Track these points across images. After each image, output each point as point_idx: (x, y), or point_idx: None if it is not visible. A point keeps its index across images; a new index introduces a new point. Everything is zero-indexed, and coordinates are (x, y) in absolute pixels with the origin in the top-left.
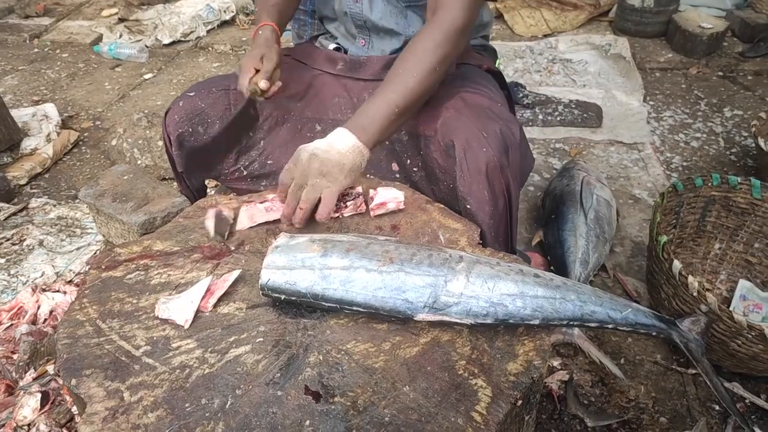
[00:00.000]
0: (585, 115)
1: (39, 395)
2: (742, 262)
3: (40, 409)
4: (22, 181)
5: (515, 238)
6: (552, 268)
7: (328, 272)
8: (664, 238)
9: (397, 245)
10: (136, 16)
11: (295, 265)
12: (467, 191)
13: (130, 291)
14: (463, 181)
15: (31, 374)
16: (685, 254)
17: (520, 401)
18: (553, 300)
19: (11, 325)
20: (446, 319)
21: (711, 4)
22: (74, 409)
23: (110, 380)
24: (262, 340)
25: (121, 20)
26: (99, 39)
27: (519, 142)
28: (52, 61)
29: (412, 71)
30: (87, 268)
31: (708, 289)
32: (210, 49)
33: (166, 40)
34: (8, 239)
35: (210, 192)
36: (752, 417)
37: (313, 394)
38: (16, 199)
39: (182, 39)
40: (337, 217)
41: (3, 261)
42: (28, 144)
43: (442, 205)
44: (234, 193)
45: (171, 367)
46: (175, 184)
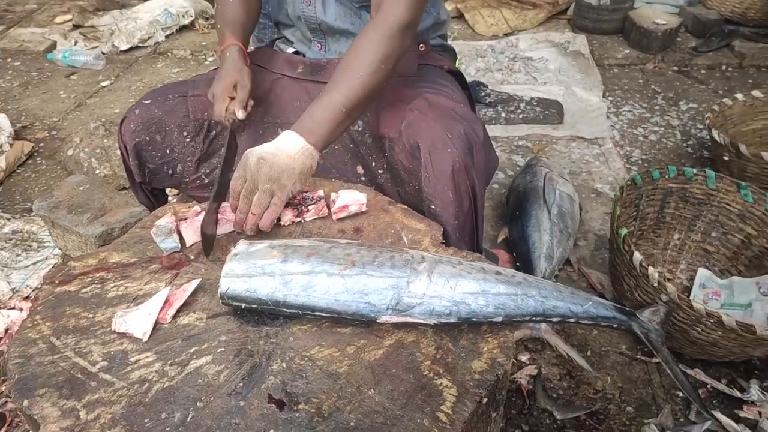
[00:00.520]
0: (546, 112)
1: None
2: (700, 251)
3: None
4: None
5: (481, 237)
6: (518, 265)
7: (289, 278)
8: (624, 231)
9: (359, 248)
10: (92, 23)
11: (255, 273)
12: (432, 192)
13: (86, 305)
14: (428, 182)
15: None
16: (646, 245)
17: (486, 399)
18: (515, 297)
19: None
20: (410, 320)
21: (665, 1)
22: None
23: (65, 399)
24: (223, 349)
25: (76, 27)
26: (53, 46)
27: (483, 141)
28: (3, 70)
29: (356, 71)
30: (40, 284)
31: (669, 279)
32: (169, 54)
33: (124, 47)
34: None
35: (171, 200)
36: (714, 401)
37: (276, 403)
38: None
39: (140, 45)
40: (299, 221)
41: None
42: None
43: (404, 206)
44: (194, 201)
45: (129, 382)
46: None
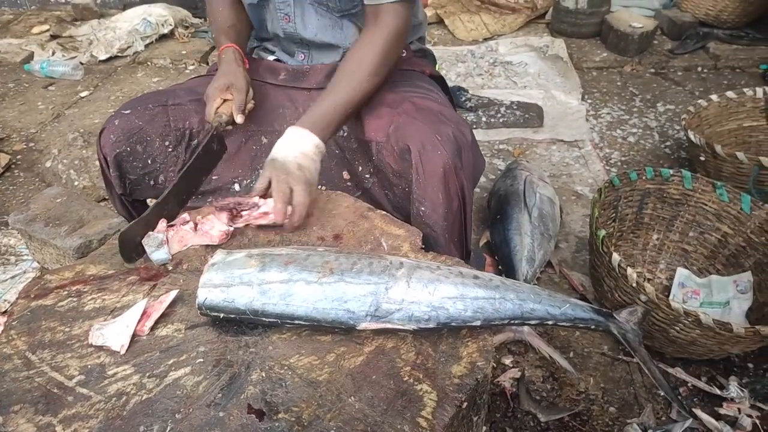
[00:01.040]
0: (526, 116)
1: None
2: (679, 250)
3: None
4: None
5: (470, 239)
6: (500, 268)
7: (267, 287)
8: (603, 232)
9: (337, 255)
10: (70, 33)
11: (233, 282)
12: (422, 194)
13: (62, 319)
14: (419, 184)
15: None
16: (625, 246)
17: (466, 403)
18: (493, 300)
19: None
20: (389, 326)
21: (640, 5)
22: None
23: (41, 414)
24: (202, 360)
25: (54, 37)
26: (30, 57)
27: (471, 143)
28: None
29: (357, 74)
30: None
31: (648, 279)
32: (149, 63)
33: (102, 56)
34: None
35: None
36: (694, 399)
37: (256, 413)
38: None
39: (119, 54)
40: (231, 228)
41: None
42: None
43: (384, 212)
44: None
45: (107, 396)
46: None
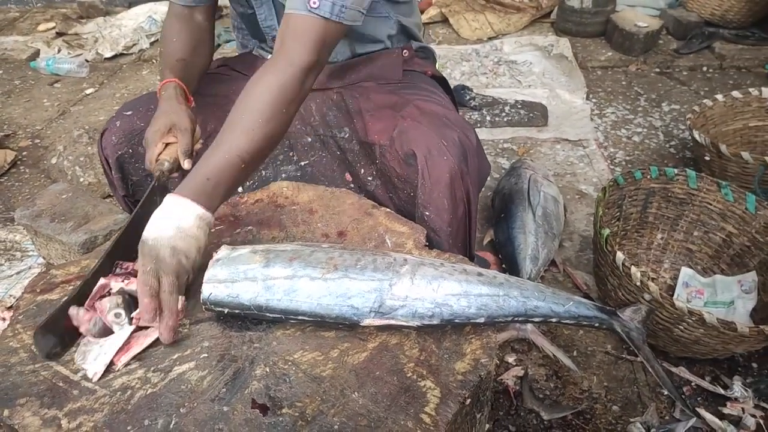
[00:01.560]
0: (531, 115)
1: None
2: (683, 250)
3: None
4: None
5: (474, 244)
6: (504, 267)
7: (272, 282)
8: (607, 231)
9: (342, 251)
10: (75, 30)
11: (238, 278)
12: (427, 199)
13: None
14: (424, 190)
15: None
16: (630, 245)
17: (469, 400)
18: (497, 297)
19: None
20: (393, 322)
21: (646, 4)
22: None
23: (47, 408)
24: (206, 355)
25: (59, 34)
26: (36, 54)
27: (476, 148)
28: None
29: (256, 118)
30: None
31: (653, 279)
32: (154, 61)
33: (108, 54)
34: None
35: None
36: (698, 399)
37: (260, 408)
38: None
39: (124, 52)
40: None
41: None
42: None
43: (388, 209)
44: None
45: (112, 390)
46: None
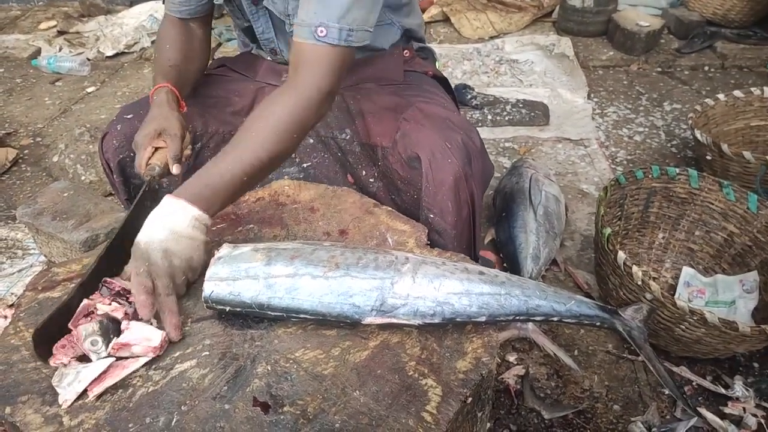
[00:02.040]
0: (532, 114)
1: None
2: (684, 249)
3: None
4: None
5: (479, 246)
6: (505, 266)
7: (273, 281)
8: (608, 231)
9: (343, 250)
10: (77, 29)
11: (239, 276)
12: (431, 202)
13: None
14: (428, 192)
15: None
16: (631, 245)
17: (470, 398)
18: (499, 296)
19: None
20: (394, 321)
21: (647, 3)
22: None
23: (48, 405)
24: (208, 353)
25: (61, 33)
26: (37, 53)
27: (480, 150)
28: None
29: (265, 137)
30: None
31: (654, 278)
32: None
33: (109, 52)
34: None
35: None
36: (699, 398)
37: (261, 406)
38: None
39: (126, 50)
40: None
41: None
42: None
43: (389, 208)
44: None
45: (113, 387)
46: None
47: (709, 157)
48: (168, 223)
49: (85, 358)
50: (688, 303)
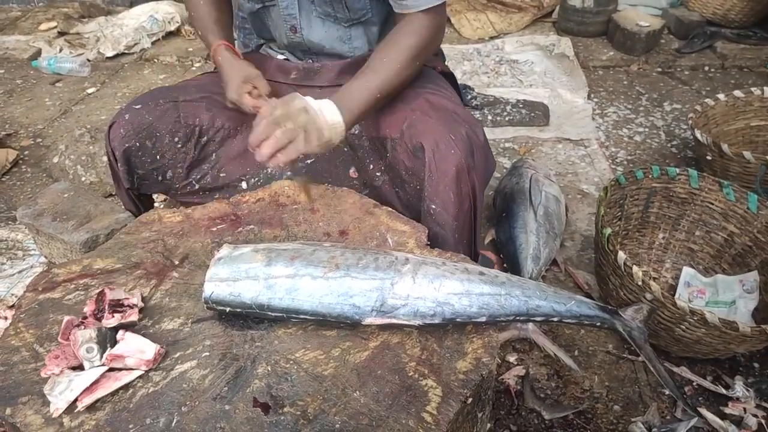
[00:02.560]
0: (532, 114)
1: None
2: (685, 249)
3: None
4: None
5: (479, 240)
6: (505, 266)
7: (273, 281)
8: (609, 231)
9: (343, 250)
10: (77, 30)
11: (239, 276)
12: (433, 192)
13: (70, 312)
14: (431, 182)
15: None
16: (631, 245)
17: (471, 399)
18: (499, 296)
19: None
20: (394, 321)
21: (647, 3)
22: None
23: (48, 406)
24: (208, 354)
25: (61, 34)
26: (37, 54)
27: (483, 144)
28: None
29: (394, 61)
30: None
31: (654, 278)
32: (155, 60)
33: (109, 53)
34: None
35: (158, 206)
36: (699, 398)
37: (262, 406)
38: None
39: (126, 51)
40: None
41: None
42: None
43: (390, 209)
44: (182, 207)
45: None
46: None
47: (709, 157)
48: (321, 105)
49: (78, 369)
50: (689, 303)
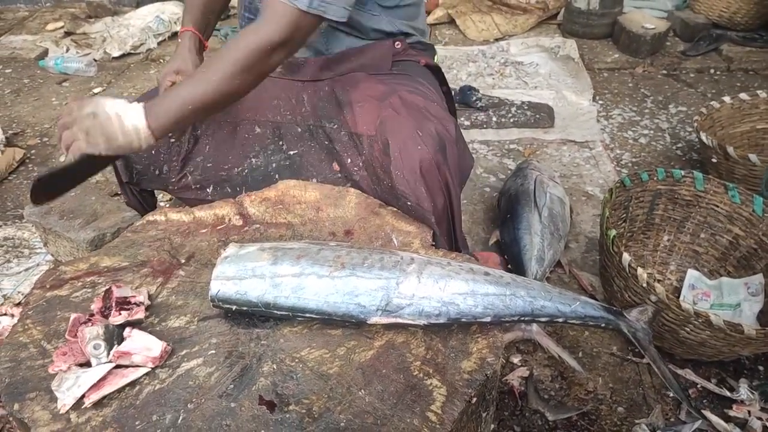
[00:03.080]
0: (537, 116)
1: None
2: (690, 252)
3: None
4: None
5: (459, 236)
6: (509, 267)
7: (279, 280)
8: (613, 232)
9: (349, 250)
10: (84, 30)
11: (246, 275)
12: (405, 189)
13: (77, 309)
14: (400, 179)
15: None
16: (636, 247)
17: (475, 399)
18: (504, 297)
19: None
20: (399, 321)
21: (653, 6)
22: None
23: (56, 402)
24: (214, 352)
25: (68, 34)
26: (44, 53)
27: (455, 138)
28: None
29: (215, 73)
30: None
31: (658, 280)
32: (161, 60)
33: (116, 53)
34: None
35: (163, 205)
36: (704, 401)
37: (267, 404)
38: None
39: (132, 51)
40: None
41: None
42: None
43: (395, 209)
44: (186, 206)
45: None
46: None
47: (714, 160)
48: (123, 108)
49: (86, 366)
50: (693, 305)
